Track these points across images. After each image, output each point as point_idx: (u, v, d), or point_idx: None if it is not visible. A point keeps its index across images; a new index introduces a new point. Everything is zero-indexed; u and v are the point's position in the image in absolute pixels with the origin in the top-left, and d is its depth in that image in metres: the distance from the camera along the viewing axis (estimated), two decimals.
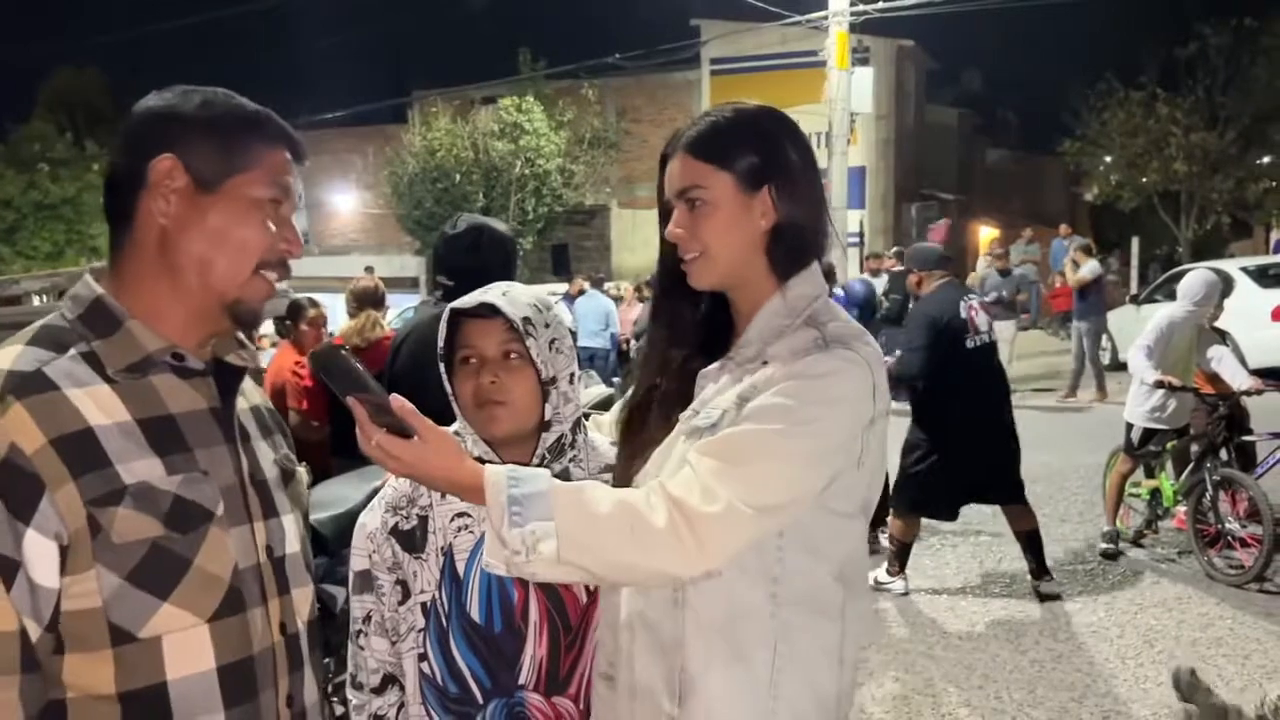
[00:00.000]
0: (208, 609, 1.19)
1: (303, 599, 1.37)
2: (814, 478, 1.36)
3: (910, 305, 6.39)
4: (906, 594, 5.30)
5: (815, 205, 1.48)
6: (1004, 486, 5.25)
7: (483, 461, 1.56)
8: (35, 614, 1.10)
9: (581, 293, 13.45)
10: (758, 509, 1.31)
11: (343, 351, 1.28)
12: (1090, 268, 11.65)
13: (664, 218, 1.49)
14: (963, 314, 5.12)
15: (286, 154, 1.30)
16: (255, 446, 1.34)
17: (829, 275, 4.27)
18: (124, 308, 1.22)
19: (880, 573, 5.35)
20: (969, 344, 5.10)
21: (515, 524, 1.27)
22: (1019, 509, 5.25)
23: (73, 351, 1.18)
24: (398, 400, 1.29)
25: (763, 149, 1.44)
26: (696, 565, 1.30)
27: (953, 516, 5.49)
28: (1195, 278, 5.72)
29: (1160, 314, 5.84)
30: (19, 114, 22.72)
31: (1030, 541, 5.25)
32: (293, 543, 1.36)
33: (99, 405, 1.15)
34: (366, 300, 4.92)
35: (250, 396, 1.39)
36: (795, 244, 1.45)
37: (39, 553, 1.09)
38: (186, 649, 1.18)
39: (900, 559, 5.37)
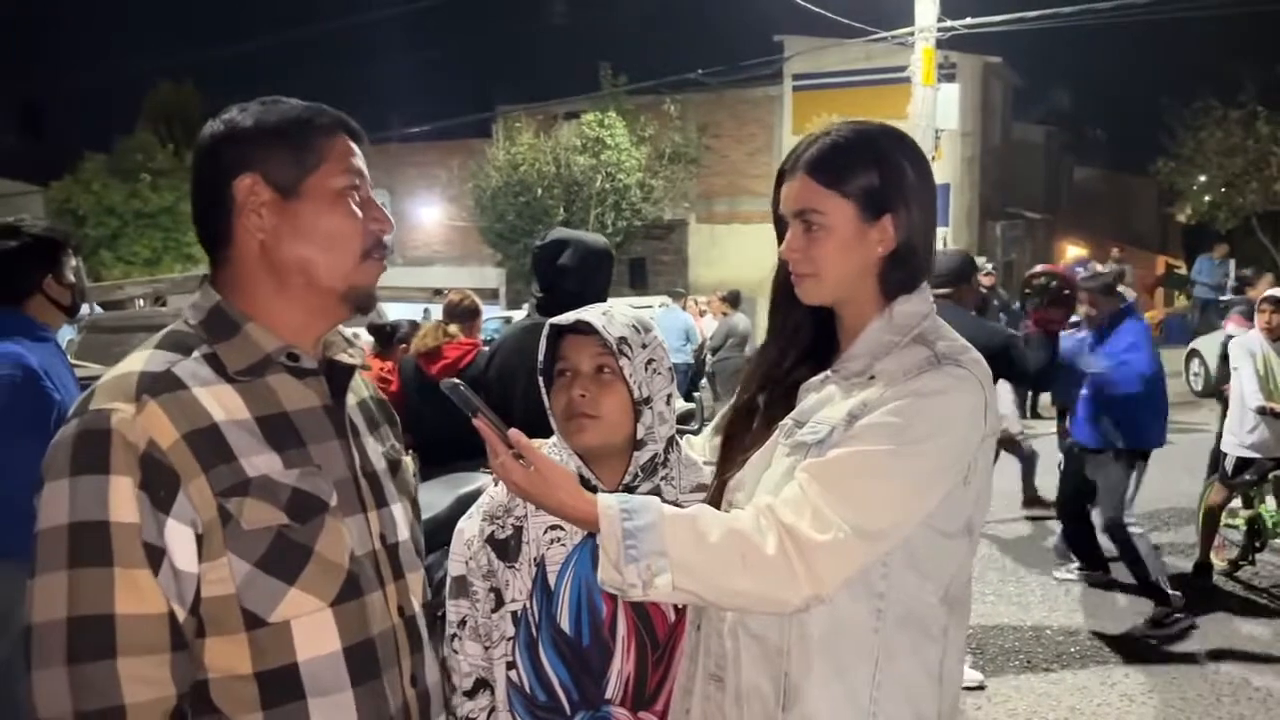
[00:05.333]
0: (330, 594, 1.25)
1: (416, 583, 1.42)
2: (924, 499, 1.35)
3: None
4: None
5: (930, 225, 1.48)
6: None
7: (581, 478, 1.61)
8: (180, 598, 1.16)
9: None
10: (869, 535, 1.31)
11: (461, 387, 1.36)
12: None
13: (779, 231, 1.49)
14: None
15: (346, 138, 1.33)
16: (365, 441, 1.39)
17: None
18: (241, 312, 1.29)
19: None
20: None
21: (631, 558, 1.30)
22: None
23: (196, 354, 1.25)
24: (515, 434, 1.35)
25: (884, 175, 1.42)
26: (807, 592, 1.30)
27: None
28: None
29: (1234, 340, 5.78)
30: (124, 126, 23.63)
31: None
32: (404, 530, 1.41)
33: (222, 403, 1.22)
34: (454, 315, 5.20)
35: (358, 391, 1.44)
36: (909, 268, 1.45)
37: (179, 540, 1.16)
38: (313, 631, 1.23)
39: None
